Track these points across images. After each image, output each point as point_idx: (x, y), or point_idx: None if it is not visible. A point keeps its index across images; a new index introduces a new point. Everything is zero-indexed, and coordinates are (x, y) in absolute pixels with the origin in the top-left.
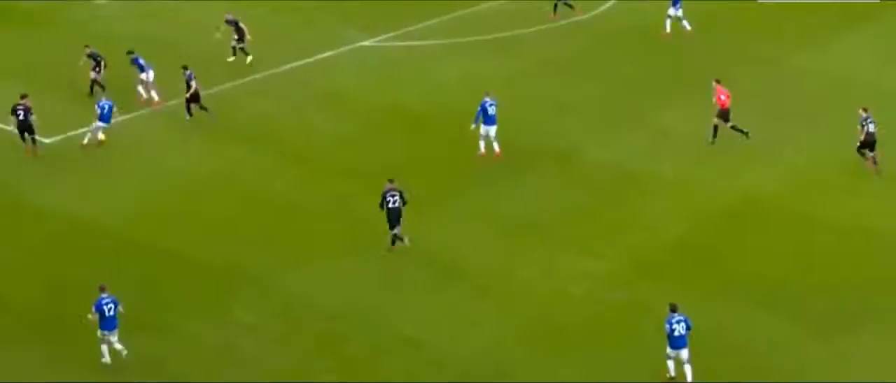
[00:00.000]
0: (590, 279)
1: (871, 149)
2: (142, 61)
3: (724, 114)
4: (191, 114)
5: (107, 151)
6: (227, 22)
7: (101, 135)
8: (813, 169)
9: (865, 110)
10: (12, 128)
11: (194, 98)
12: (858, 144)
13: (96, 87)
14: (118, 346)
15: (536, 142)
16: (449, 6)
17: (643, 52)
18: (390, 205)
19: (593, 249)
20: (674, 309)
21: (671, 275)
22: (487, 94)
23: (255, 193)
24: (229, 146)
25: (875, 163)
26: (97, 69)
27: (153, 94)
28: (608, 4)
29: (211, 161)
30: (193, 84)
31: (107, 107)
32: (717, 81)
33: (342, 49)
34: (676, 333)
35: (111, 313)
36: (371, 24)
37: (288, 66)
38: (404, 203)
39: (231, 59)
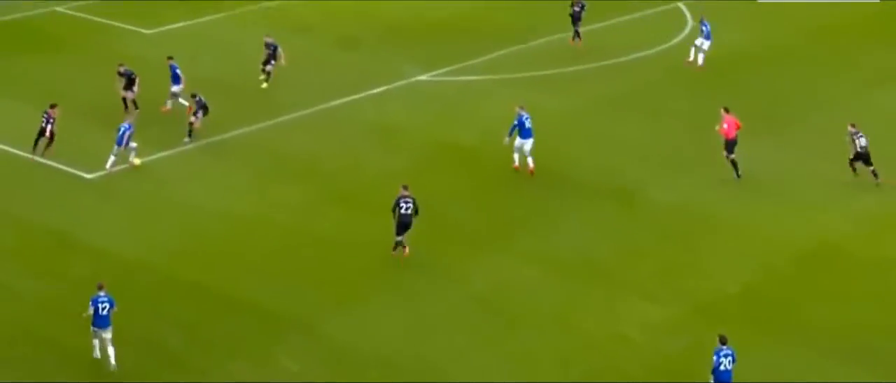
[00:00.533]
0: (650, 325)
1: (867, 162)
2: (178, 71)
3: (728, 145)
4: (191, 138)
5: (150, 186)
6: (267, 45)
7: (135, 160)
8: (887, 210)
9: (853, 125)
10: (55, 164)
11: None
12: (850, 158)
13: (130, 106)
14: (110, 350)
15: (595, 180)
16: (505, 41)
17: (708, 89)
18: (402, 212)
19: (654, 293)
20: (723, 342)
21: (736, 321)
22: (522, 108)
23: (300, 231)
24: (276, 183)
25: (876, 176)
26: (130, 88)
27: (169, 103)
28: (673, 41)
29: (256, 198)
30: (199, 114)
31: (123, 130)
32: (726, 110)
33: (396, 84)
34: (722, 367)
35: (105, 312)
36: (428, 59)
37: (340, 101)
38: (416, 212)
39: (264, 84)
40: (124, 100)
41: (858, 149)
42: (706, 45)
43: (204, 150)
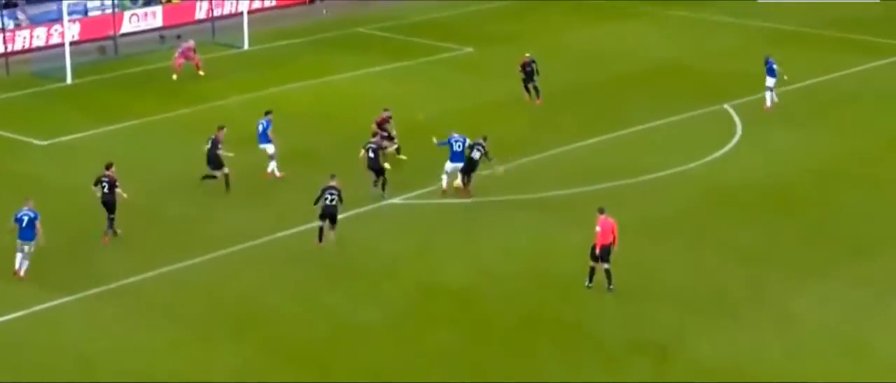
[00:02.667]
0: None
1: None
2: (269, 127)
3: (595, 252)
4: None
5: (43, 338)
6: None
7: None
8: None
9: None
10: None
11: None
12: None
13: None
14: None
15: (623, 333)
16: (507, 152)
17: (764, 215)
18: (327, 202)
19: None
20: None
21: None
22: (453, 132)
23: None
24: (208, 339)
25: None
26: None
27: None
28: (719, 152)
29: (181, 359)
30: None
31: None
32: (601, 211)
33: (365, 208)
34: None
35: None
36: (402, 179)
37: (295, 230)
38: (340, 201)
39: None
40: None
41: None
42: (771, 82)
43: (115, 295)
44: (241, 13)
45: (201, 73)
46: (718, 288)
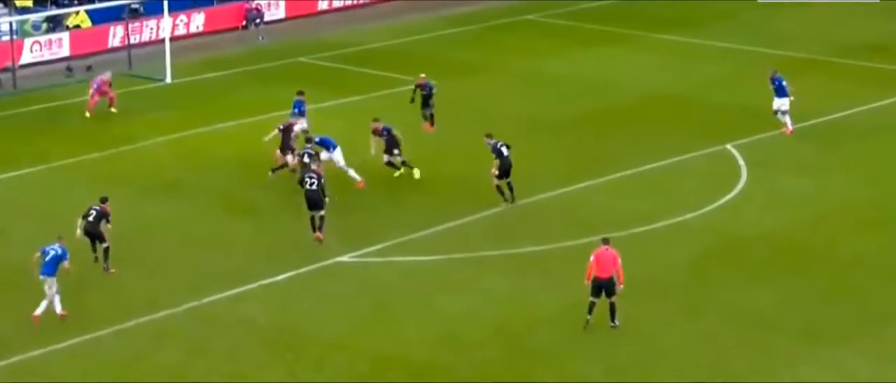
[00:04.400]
0: None
1: None
2: (304, 108)
3: (607, 287)
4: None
5: None
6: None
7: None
8: None
9: None
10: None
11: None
12: None
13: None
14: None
15: None
16: (467, 201)
17: (772, 273)
18: (308, 187)
19: None
20: None
21: None
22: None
23: None
24: None
25: None
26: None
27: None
28: (722, 199)
29: None
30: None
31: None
32: (604, 242)
33: (306, 268)
34: None
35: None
36: (351, 231)
37: (219, 296)
38: (322, 189)
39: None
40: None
41: None
42: (785, 103)
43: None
44: (163, 40)
45: (113, 109)
46: (721, 358)
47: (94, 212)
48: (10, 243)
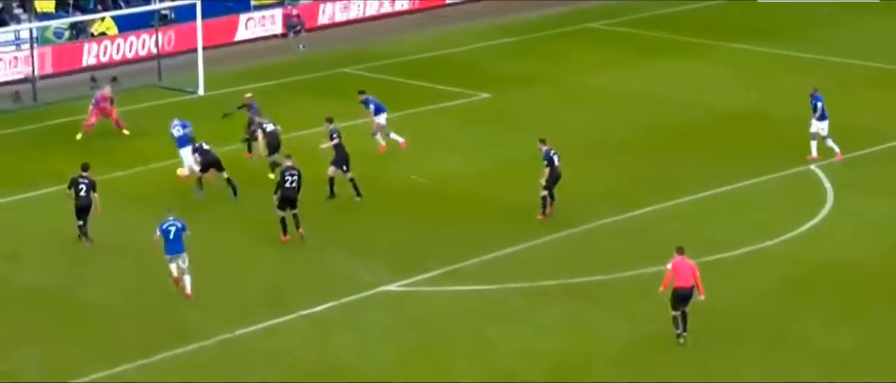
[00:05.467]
0: None
1: None
2: (374, 104)
3: (683, 297)
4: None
5: None
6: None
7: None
8: None
9: None
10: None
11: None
12: None
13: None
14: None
15: None
16: (522, 229)
17: (861, 308)
18: (287, 185)
19: None
20: None
21: None
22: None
23: None
24: None
25: None
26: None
27: (379, 137)
28: (806, 225)
29: None
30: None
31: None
32: (679, 251)
33: (348, 298)
34: None
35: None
36: (399, 258)
37: (254, 328)
38: (299, 183)
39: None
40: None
41: None
42: (825, 127)
43: None
44: (195, 49)
45: (125, 131)
46: None
47: (84, 185)
48: (24, 268)
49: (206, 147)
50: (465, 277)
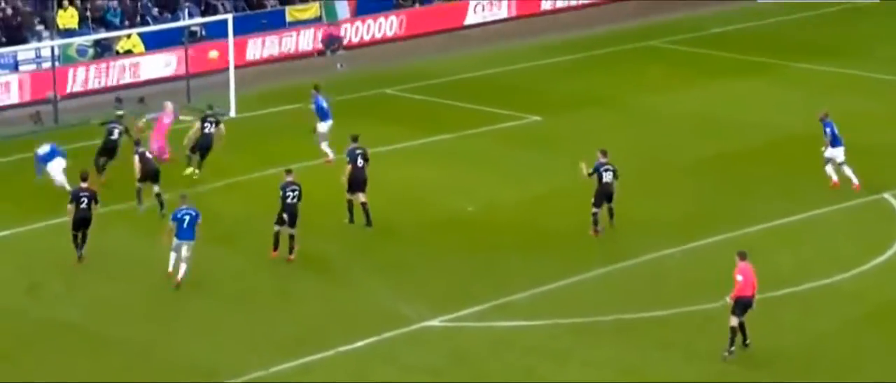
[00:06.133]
0: None
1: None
2: (324, 104)
3: (743, 306)
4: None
5: None
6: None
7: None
8: None
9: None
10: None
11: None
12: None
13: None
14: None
15: None
16: (570, 260)
17: None
18: (288, 201)
19: None
20: None
21: None
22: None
23: None
24: None
25: None
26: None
27: (325, 147)
28: (879, 258)
29: None
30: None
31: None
32: (742, 257)
33: (387, 334)
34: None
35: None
36: (439, 293)
37: (292, 364)
38: (299, 198)
39: None
40: None
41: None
42: (839, 154)
43: None
44: (226, 68)
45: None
46: None
47: (85, 197)
48: (43, 299)
49: (148, 155)
50: (513, 312)
